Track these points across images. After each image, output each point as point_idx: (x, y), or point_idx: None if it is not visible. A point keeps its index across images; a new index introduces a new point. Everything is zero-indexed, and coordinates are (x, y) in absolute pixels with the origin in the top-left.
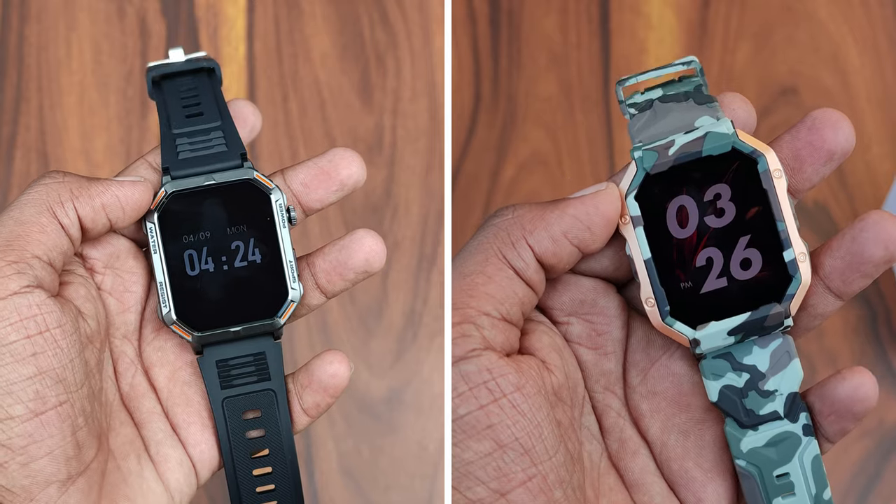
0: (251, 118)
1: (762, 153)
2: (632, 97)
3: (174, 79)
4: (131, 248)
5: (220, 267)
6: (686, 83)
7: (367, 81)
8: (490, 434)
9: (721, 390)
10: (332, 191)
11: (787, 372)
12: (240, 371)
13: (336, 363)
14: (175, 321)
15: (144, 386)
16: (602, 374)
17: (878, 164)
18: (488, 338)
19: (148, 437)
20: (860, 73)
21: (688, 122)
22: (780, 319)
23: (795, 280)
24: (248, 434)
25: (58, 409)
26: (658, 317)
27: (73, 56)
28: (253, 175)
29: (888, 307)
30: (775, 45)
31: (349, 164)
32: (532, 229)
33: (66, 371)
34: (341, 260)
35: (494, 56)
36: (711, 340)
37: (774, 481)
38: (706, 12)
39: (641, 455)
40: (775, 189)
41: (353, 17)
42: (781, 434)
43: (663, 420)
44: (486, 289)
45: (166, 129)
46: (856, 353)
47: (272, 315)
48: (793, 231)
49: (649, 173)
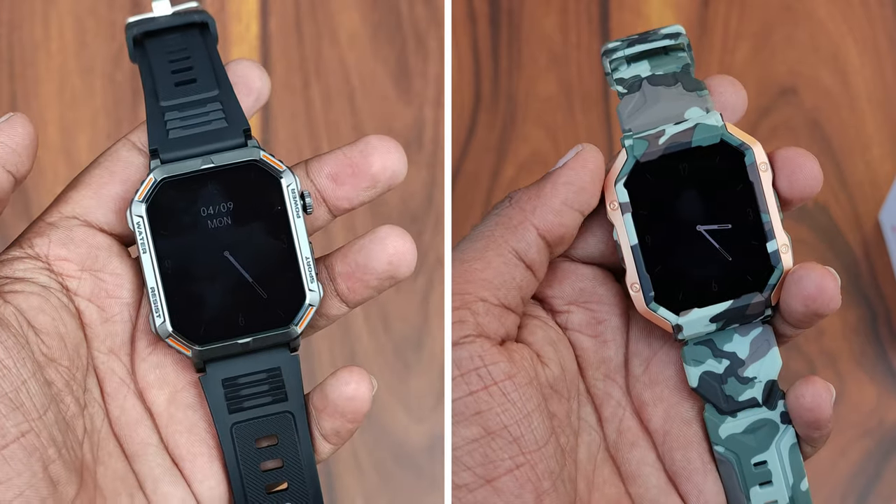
0: (256, 82)
1: (749, 146)
2: (618, 70)
3: (159, 37)
4: (113, 245)
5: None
6: (674, 58)
7: (404, 66)
8: (478, 420)
9: (701, 376)
10: (363, 188)
11: (767, 360)
12: (251, 391)
13: (354, 383)
14: (171, 333)
15: (139, 410)
16: (602, 361)
17: (879, 165)
18: (483, 324)
19: (142, 473)
20: (860, 73)
21: (678, 112)
22: (761, 308)
23: (777, 270)
24: (263, 465)
25: (20, 440)
26: (642, 302)
27: (51, 36)
28: (259, 155)
29: (888, 307)
30: (775, 44)
31: (385, 156)
32: (532, 209)
33: (21, 395)
34: (361, 262)
35: (494, 56)
36: (694, 327)
37: (752, 469)
38: (705, 12)
39: (640, 446)
40: (761, 181)
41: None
42: (760, 421)
43: (666, 409)
44: (484, 274)
45: (153, 101)
46: (856, 353)
47: (287, 323)
48: (776, 223)
49: (639, 161)
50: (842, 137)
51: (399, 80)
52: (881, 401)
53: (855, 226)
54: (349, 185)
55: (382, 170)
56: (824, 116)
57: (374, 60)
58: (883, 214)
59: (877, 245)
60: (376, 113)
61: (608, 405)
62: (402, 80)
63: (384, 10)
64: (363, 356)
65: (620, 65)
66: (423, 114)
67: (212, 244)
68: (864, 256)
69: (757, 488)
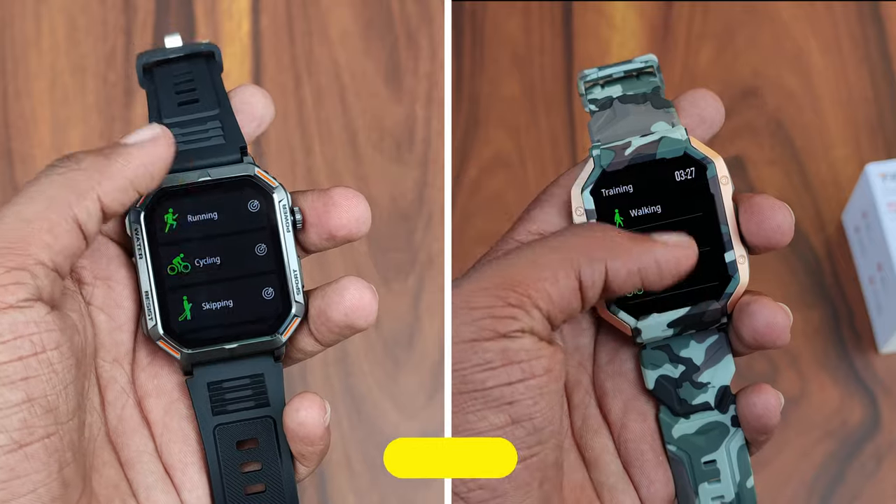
0: (259, 108)
1: (712, 160)
2: (592, 91)
3: (167, 65)
4: (120, 255)
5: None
6: (645, 82)
7: (395, 64)
8: (509, 410)
9: (657, 379)
10: (324, 238)
11: (721, 366)
12: (235, 395)
13: (304, 409)
14: (162, 336)
15: (136, 419)
16: (576, 349)
17: (842, 166)
18: (534, 327)
19: (136, 481)
20: (823, 75)
21: (645, 125)
22: (717, 316)
23: (734, 280)
24: (243, 468)
25: (45, 441)
26: (603, 304)
27: (43, 33)
28: (254, 171)
29: (851, 308)
30: (738, 46)
31: (344, 214)
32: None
33: (59, 399)
34: (322, 309)
35: (458, 57)
36: (652, 331)
37: (702, 467)
38: (669, 13)
39: (602, 434)
40: (721, 194)
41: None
42: (711, 423)
43: (625, 401)
44: (545, 285)
45: (156, 119)
46: (818, 354)
47: (273, 332)
48: (734, 234)
49: (605, 170)
50: (805, 138)
51: (390, 78)
52: (844, 402)
53: (818, 227)
54: (312, 233)
55: (339, 228)
56: (787, 117)
57: (365, 58)
58: (846, 215)
59: (840, 246)
60: (367, 111)
61: (578, 392)
62: (393, 78)
63: (375, 8)
64: (354, 354)
65: (594, 88)
66: (415, 112)
67: (204, 252)
68: (827, 257)
69: (705, 485)
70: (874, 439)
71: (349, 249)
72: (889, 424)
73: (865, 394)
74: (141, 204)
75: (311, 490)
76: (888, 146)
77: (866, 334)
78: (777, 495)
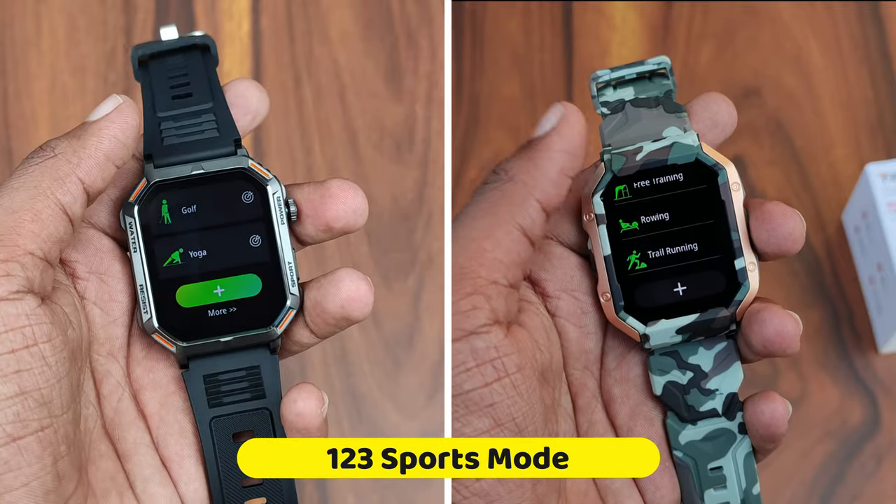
0: (254, 102)
1: (723, 166)
2: (604, 93)
3: (162, 58)
4: (115, 249)
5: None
6: (657, 84)
7: (395, 64)
8: (490, 412)
9: (665, 385)
10: (320, 229)
11: (729, 373)
12: (231, 387)
13: (301, 400)
14: (157, 329)
15: (132, 412)
16: (583, 352)
17: (842, 166)
18: (496, 309)
19: (133, 473)
20: (823, 75)
21: (656, 130)
22: (726, 323)
23: (744, 287)
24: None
25: (39, 434)
26: (612, 310)
27: (43, 33)
28: (248, 164)
29: (851, 309)
30: (738, 46)
31: (341, 205)
32: (534, 183)
33: (53, 392)
34: (318, 301)
35: (458, 57)
36: (660, 337)
37: (708, 473)
38: (669, 13)
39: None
40: (732, 201)
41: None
42: (718, 430)
43: (632, 406)
44: (495, 254)
45: (150, 113)
46: (819, 354)
47: (268, 324)
48: (745, 241)
49: (616, 175)
50: (805, 138)
51: (390, 78)
52: (844, 402)
53: (818, 227)
54: (309, 224)
55: (335, 219)
56: (787, 117)
57: (365, 58)
58: (846, 215)
59: (840, 246)
60: (367, 111)
61: (584, 396)
62: (393, 78)
63: (375, 8)
64: (354, 354)
65: (606, 89)
66: (415, 112)
67: (197, 245)
68: (827, 257)
69: (711, 491)
70: (874, 439)
71: (349, 249)
72: (889, 424)
73: (865, 394)
74: (135, 198)
75: (311, 490)
76: (888, 146)
77: (866, 334)
78: (777, 495)
